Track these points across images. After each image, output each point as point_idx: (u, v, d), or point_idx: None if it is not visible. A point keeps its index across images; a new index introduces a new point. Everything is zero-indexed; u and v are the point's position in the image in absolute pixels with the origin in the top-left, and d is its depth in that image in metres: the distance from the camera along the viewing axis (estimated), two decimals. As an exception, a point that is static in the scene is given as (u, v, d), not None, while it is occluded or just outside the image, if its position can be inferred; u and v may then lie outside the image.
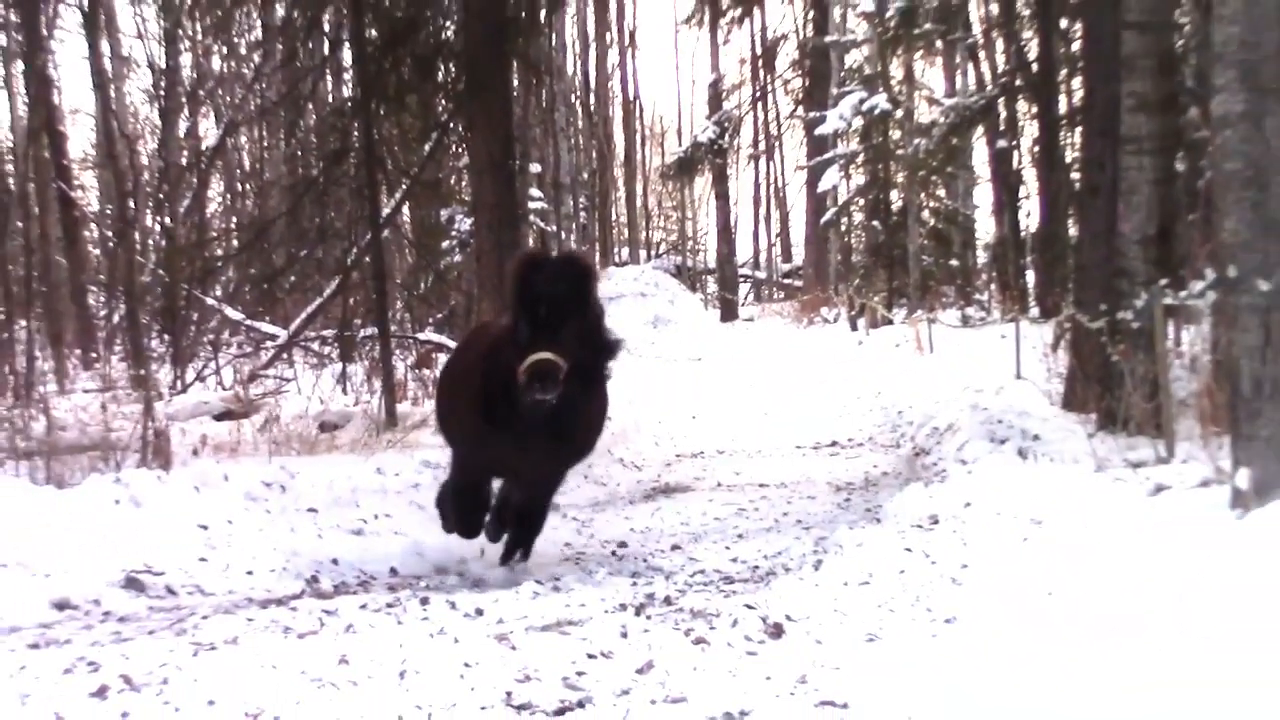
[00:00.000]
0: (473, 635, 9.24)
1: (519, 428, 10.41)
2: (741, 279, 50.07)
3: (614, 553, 14.26)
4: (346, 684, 7.77)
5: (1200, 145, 19.43)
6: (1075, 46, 27.29)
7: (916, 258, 45.92)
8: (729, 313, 46.21)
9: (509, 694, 7.56)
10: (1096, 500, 11.97)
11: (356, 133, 23.61)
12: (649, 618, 10.14)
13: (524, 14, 23.03)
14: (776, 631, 9.24)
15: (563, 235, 35.31)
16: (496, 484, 12.67)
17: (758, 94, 49.84)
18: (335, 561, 12.78)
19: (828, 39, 44.17)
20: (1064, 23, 29.58)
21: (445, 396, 13.26)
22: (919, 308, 41.67)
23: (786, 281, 50.38)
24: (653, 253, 53.31)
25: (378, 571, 12.66)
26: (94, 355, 29.94)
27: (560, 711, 7.26)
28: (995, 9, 37.11)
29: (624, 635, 9.28)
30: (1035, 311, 32.78)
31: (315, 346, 25.72)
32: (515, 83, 23.79)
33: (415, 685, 7.77)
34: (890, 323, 41.30)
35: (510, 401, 10.21)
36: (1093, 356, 18.98)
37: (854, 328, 43.75)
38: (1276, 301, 10.67)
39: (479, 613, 10.14)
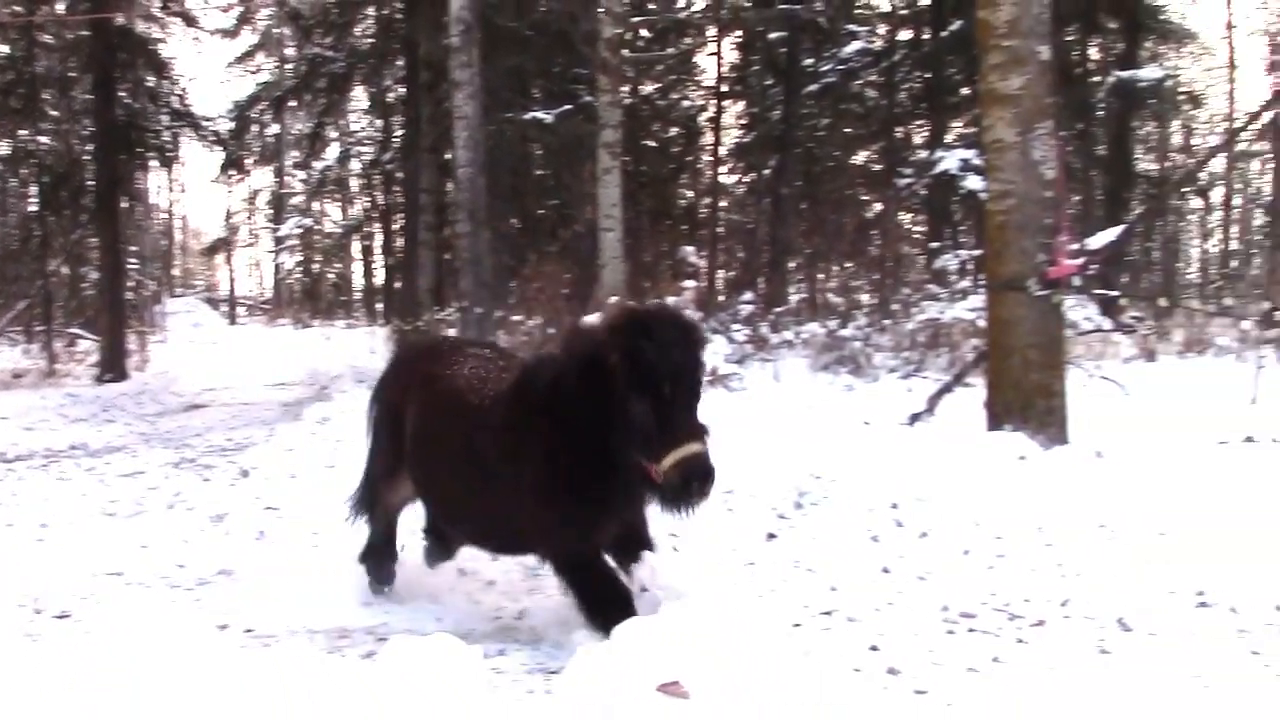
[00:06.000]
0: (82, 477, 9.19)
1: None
2: (239, 304, 47.93)
3: (180, 428, 13.22)
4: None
5: (443, 246, 19.83)
6: (401, 200, 27.28)
7: (325, 292, 45.70)
8: (233, 319, 44.10)
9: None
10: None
11: (39, 231, 22.08)
12: (193, 460, 10.13)
13: (125, 172, 21.72)
14: (245, 474, 8.93)
15: (152, 283, 33.37)
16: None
17: (249, 215, 47.77)
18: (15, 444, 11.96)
19: (282, 191, 42.77)
20: (393, 191, 29.37)
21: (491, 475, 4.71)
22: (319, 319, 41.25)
23: (263, 305, 48.53)
24: (194, 292, 50.52)
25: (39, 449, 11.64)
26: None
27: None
28: (360, 184, 36.96)
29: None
30: (383, 320, 32.64)
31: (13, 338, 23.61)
32: (125, 205, 22.43)
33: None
34: (310, 327, 40.26)
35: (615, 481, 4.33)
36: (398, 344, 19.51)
37: (298, 328, 42.33)
38: (482, 318, 11.51)
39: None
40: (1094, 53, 23.31)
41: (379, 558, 5.51)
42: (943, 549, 5.53)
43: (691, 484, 4.01)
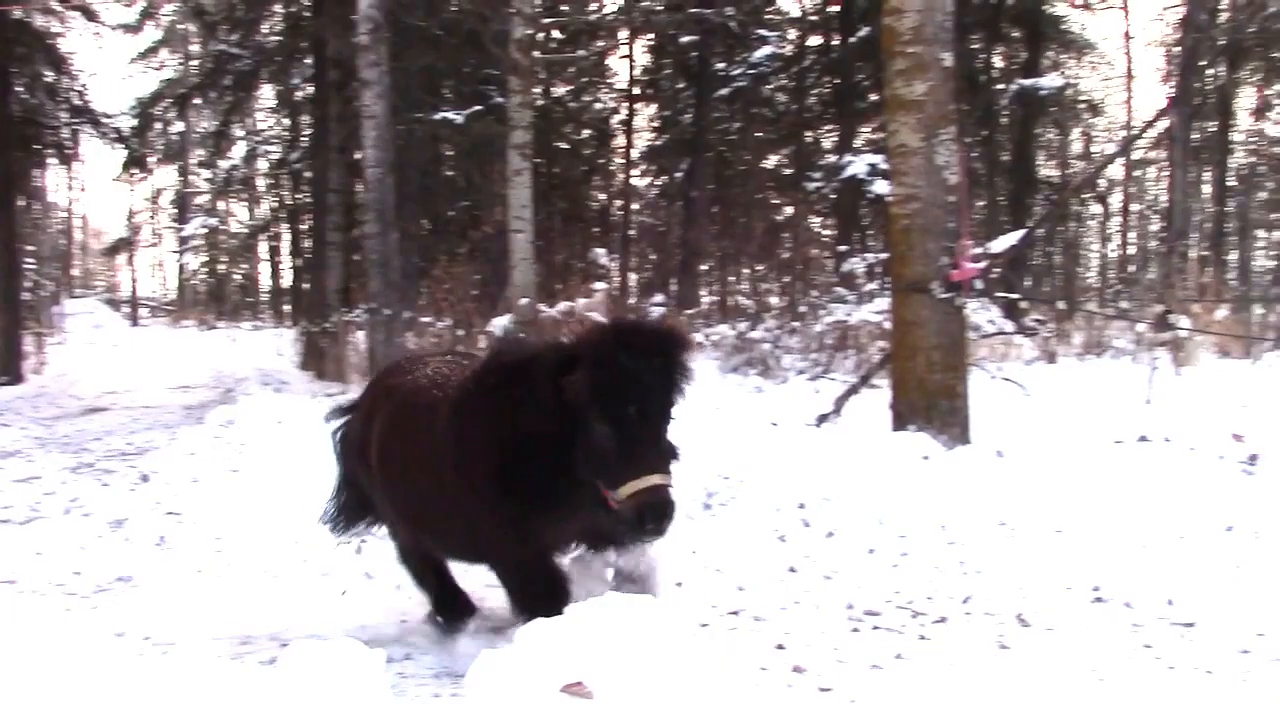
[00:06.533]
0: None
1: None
2: (141, 304, 46.76)
3: (78, 432, 12.91)
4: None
5: (352, 247, 19.67)
6: (309, 200, 26.90)
7: (231, 293, 44.89)
8: (135, 321, 42.98)
9: None
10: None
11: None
12: (91, 464, 9.80)
13: (21, 170, 21.09)
14: (146, 479, 8.67)
15: (50, 283, 32.55)
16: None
17: (152, 214, 46.70)
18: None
19: (187, 190, 41.86)
20: (301, 190, 28.92)
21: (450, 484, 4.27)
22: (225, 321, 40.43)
23: (167, 306, 47.44)
24: (94, 293, 49.23)
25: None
26: None
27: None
28: (267, 183, 36.32)
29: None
30: (291, 322, 32.11)
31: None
32: (22, 203, 21.83)
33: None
34: (216, 328, 39.47)
35: (558, 484, 3.99)
36: (312, 344, 19.13)
37: (203, 330, 41.48)
38: (391, 319, 11.35)
39: None
40: (997, 61, 23.98)
41: (449, 608, 4.90)
42: (848, 548, 5.65)
43: (646, 522, 3.69)
